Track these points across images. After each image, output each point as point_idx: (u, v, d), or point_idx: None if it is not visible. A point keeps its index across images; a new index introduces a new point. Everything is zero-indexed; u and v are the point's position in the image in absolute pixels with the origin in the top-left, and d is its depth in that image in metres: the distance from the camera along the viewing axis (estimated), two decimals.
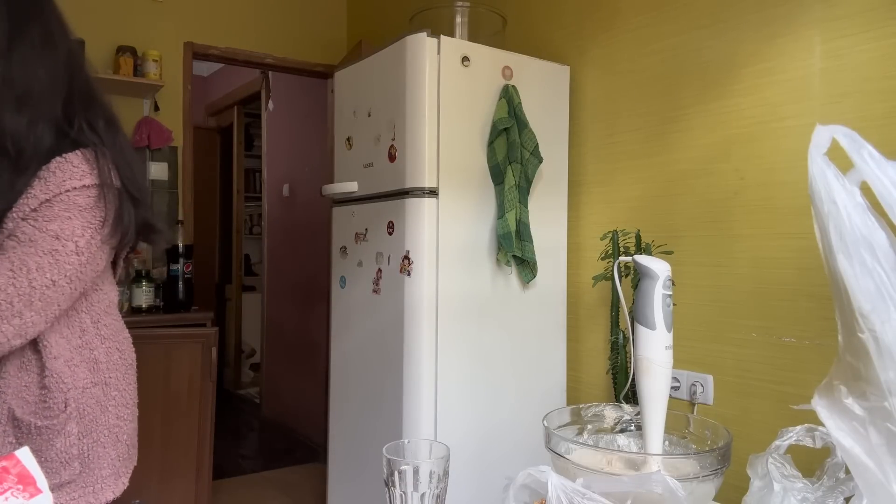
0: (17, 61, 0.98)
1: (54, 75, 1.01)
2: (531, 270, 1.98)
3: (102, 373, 1.07)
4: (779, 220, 1.59)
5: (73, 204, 0.96)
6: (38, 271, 0.94)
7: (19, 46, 0.98)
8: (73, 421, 1.02)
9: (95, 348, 1.07)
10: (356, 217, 2.10)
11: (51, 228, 0.95)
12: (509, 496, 0.77)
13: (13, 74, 0.97)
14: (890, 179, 0.68)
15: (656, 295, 0.99)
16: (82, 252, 0.99)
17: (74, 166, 0.97)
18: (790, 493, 0.88)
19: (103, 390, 1.07)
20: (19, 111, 0.97)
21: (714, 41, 1.74)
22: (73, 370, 1.02)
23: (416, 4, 2.14)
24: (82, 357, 1.05)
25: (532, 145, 1.94)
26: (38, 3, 1.03)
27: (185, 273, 2.87)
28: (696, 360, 1.76)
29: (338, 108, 2.22)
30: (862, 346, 0.70)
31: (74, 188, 0.96)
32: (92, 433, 1.05)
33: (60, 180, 0.95)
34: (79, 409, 1.03)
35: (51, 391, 1.00)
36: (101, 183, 0.99)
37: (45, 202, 0.95)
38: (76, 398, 1.02)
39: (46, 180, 0.95)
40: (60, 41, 1.04)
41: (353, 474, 2.12)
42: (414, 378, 1.82)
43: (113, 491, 1.07)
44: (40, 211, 0.94)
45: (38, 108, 0.98)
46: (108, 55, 2.90)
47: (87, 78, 1.08)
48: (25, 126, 0.97)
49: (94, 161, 0.99)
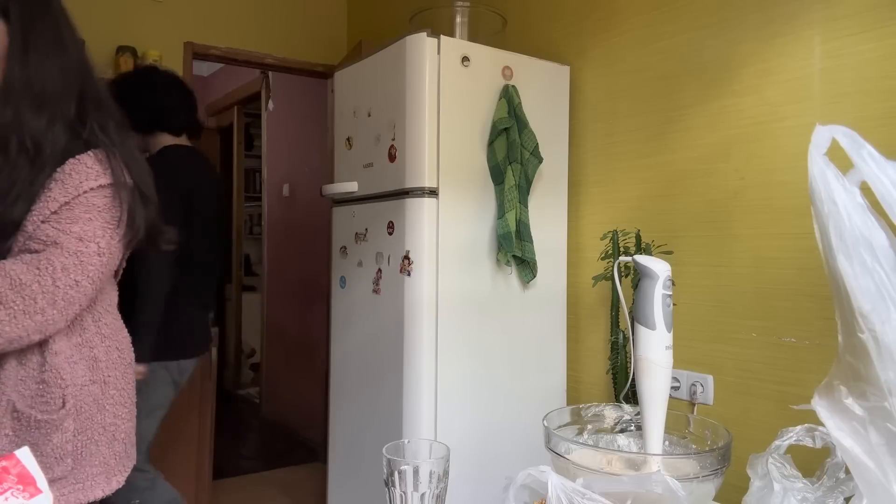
0: (34, 62, 1.00)
1: (67, 76, 1.04)
2: (531, 270, 1.98)
3: (101, 371, 1.08)
4: (779, 220, 1.59)
5: (91, 205, 0.99)
6: (62, 271, 0.97)
7: (34, 48, 1.01)
8: (71, 417, 1.03)
9: (95, 346, 1.08)
10: (356, 217, 2.10)
11: (74, 230, 0.97)
12: (509, 496, 0.77)
13: (30, 75, 1.00)
14: (890, 179, 0.68)
15: (656, 295, 0.99)
16: (104, 253, 1.01)
17: (88, 167, 0.99)
18: (790, 493, 0.88)
19: (101, 388, 1.08)
20: (38, 111, 0.99)
21: (714, 41, 1.74)
22: (72, 367, 1.03)
23: (416, 4, 2.14)
24: (82, 355, 1.05)
25: (532, 145, 1.94)
26: (49, 6, 1.05)
27: None
28: (696, 360, 1.76)
29: (338, 108, 2.22)
30: (862, 346, 0.70)
31: (92, 189, 0.99)
32: (87, 431, 1.06)
33: (77, 182, 0.98)
34: (76, 406, 1.04)
35: (49, 386, 1.01)
36: (115, 182, 1.01)
37: (65, 204, 0.97)
38: (74, 395, 1.03)
39: (63, 182, 0.97)
40: (71, 43, 1.07)
41: (353, 474, 2.12)
42: (414, 378, 1.82)
43: (103, 489, 1.08)
44: (61, 213, 0.97)
45: (54, 108, 1.01)
46: (108, 55, 2.89)
47: (96, 80, 1.10)
48: (44, 125, 0.99)
49: (107, 161, 1.01)
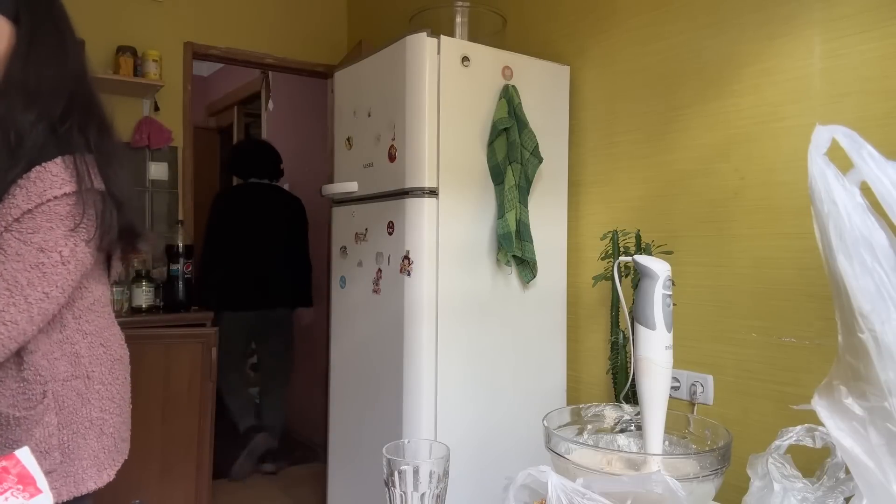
0: (33, 62, 1.03)
1: (63, 79, 1.06)
2: (531, 270, 1.98)
3: (84, 366, 1.10)
4: (779, 220, 1.59)
5: (54, 214, 0.99)
6: (29, 286, 0.98)
7: (37, 51, 1.04)
8: (52, 412, 1.06)
9: (77, 343, 1.10)
10: (356, 217, 2.10)
11: (34, 241, 0.98)
12: (509, 496, 0.77)
13: (28, 75, 1.02)
14: (890, 179, 0.68)
15: (656, 295, 0.99)
16: (68, 261, 1.02)
17: (53, 175, 0.99)
18: (790, 493, 0.88)
19: (85, 383, 1.10)
20: (28, 108, 1.01)
21: (714, 41, 1.74)
22: (52, 363, 1.06)
23: (416, 4, 2.14)
24: (63, 351, 1.08)
25: (532, 145, 1.94)
26: (53, 11, 1.08)
27: (185, 273, 2.87)
28: (696, 360, 1.76)
29: (338, 108, 2.22)
30: (862, 346, 0.70)
31: (55, 197, 0.99)
32: (72, 424, 1.08)
33: (41, 190, 0.98)
34: (57, 400, 1.06)
35: (29, 383, 1.04)
36: (79, 189, 1.01)
37: (27, 212, 0.97)
38: (55, 390, 1.06)
39: (28, 190, 0.97)
40: (70, 45, 1.10)
41: (353, 474, 2.12)
42: (414, 378, 1.82)
43: (95, 482, 1.10)
44: (23, 222, 0.97)
45: (43, 106, 1.02)
46: (108, 55, 2.90)
47: (89, 82, 1.13)
48: (31, 122, 1.00)
49: (73, 168, 1.01)
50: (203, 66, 5.24)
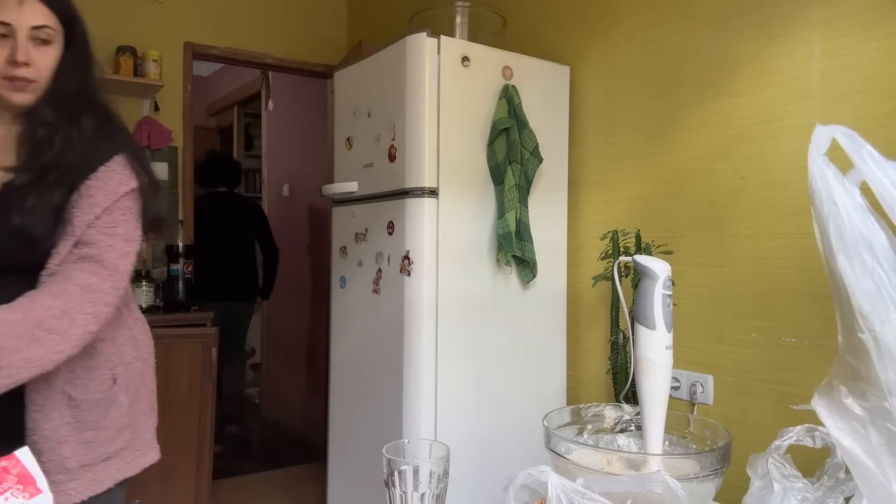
0: (81, 67, 1.11)
1: (96, 81, 1.14)
2: (531, 270, 1.98)
3: (141, 349, 1.22)
4: (779, 220, 1.59)
5: (126, 208, 1.10)
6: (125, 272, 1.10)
7: (77, 54, 1.10)
8: (123, 392, 1.15)
9: (132, 327, 1.20)
10: (356, 217, 2.10)
11: (119, 233, 1.08)
12: (509, 496, 0.77)
13: (77, 79, 1.09)
14: (890, 179, 0.68)
15: (656, 295, 0.99)
16: (140, 249, 1.15)
17: (119, 173, 1.09)
18: (790, 493, 0.88)
19: (142, 364, 1.21)
20: (78, 112, 1.08)
21: (713, 41, 1.74)
22: (118, 348, 1.15)
23: (416, 4, 2.14)
24: (125, 336, 1.18)
25: (532, 145, 1.94)
26: (75, 9, 1.13)
27: (185, 273, 2.86)
28: (696, 360, 1.76)
29: (338, 108, 2.22)
30: (862, 346, 0.70)
31: (125, 193, 1.09)
32: (137, 403, 1.19)
33: (115, 187, 1.08)
34: (126, 381, 1.16)
35: (99, 369, 1.12)
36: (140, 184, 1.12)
37: (106, 210, 1.07)
38: (123, 373, 1.15)
39: (104, 189, 1.07)
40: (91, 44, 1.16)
41: (353, 474, 2.12)
42: (414, 378, 1.82)
43: (154, 455, 1.23)
44: (103, 218, 1.07)
45: (90, 110, 1.10)
46: (108, 55, 2.89)
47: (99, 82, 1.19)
48: (84, 126, 1.09)
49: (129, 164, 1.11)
50: (203, 66, 5.24)
